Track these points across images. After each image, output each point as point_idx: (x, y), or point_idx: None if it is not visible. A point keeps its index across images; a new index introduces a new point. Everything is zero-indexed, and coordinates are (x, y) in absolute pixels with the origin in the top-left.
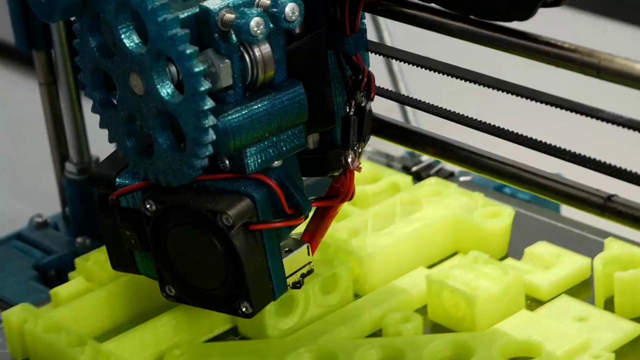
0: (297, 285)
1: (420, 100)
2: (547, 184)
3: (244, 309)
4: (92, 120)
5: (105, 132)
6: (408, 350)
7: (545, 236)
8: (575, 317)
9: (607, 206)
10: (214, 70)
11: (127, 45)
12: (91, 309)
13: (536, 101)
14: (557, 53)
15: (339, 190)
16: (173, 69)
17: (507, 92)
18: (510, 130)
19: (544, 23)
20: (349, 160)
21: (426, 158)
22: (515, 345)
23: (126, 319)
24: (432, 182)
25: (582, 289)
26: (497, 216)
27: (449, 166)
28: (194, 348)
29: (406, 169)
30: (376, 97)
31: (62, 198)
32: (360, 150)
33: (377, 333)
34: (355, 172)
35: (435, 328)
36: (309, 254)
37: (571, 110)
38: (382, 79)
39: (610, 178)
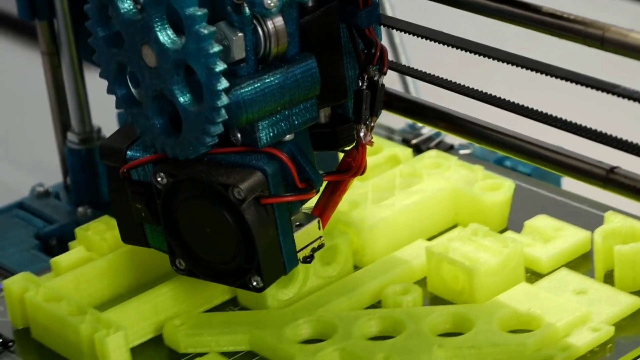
0: (308, 259)
1: (421, 71)
2: (549, 156)
3: (254, 283)
4: (94, 90)
5: (106, 102)
6: (407, 321)
7: (545, 209)
8: (574, 290)
9: (609, 178)
10: (227, 43)
11: (123, 12)
12: (91, 278)
13: (539, 72)
14: (561, 24)
15: (351, 165)
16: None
17: (509, 64)
18: (513, 101)
19: None
20: (361, 134)
21: (427, 130)
22: (515, 318)
23: (126, 289)
24: (432, 155)
25: (582, 262)
26: (497, 189)
27: (449, 139)
28: (193, 318)
29: (406, 142)
30: None
31: (63, 168)
32: (372, 124)
33: (376, 304)
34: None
35: (435, 300)
36: (319, 229)
37: (574, 82)
38: None
39: (613, 150)
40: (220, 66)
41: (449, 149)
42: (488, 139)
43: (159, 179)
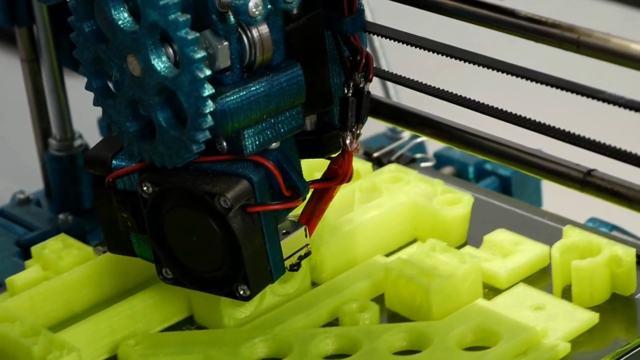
0: (295, 267)
1: (401, 76)
2: (527, 159)
3: (241, 292)
4: (74, 96)
5: (87, 108)
6: (364, 339)
7: (505, 223)
8: (532, 306)
9: (586, 181)
10: (212, 52)
11: (121, 25)
12: (47, 298)
13: (516, 76)
14: (536, 28)
15: (337, 172)
16: (169, 49)
17: (488, 68)
18: (491, 105)
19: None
20: (347, 141)
21: (389, 142)
22: (472, 334)
23: (82, 309)
24: (391, 169)
25: (540, 277)
26: (456, 203)
27: (412, 151)
28: (149, 338)
29: (367, 155)
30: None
31: (44, 174)
32: (358, 131)
33: (334, 322)
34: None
35: (392, 317)
36: (306, 236)
37: (552, 86)
38: None
39: (591, 153)
40: (206, 72)
41: (411, 162)
42: (467, 142)
43: (144, 188)
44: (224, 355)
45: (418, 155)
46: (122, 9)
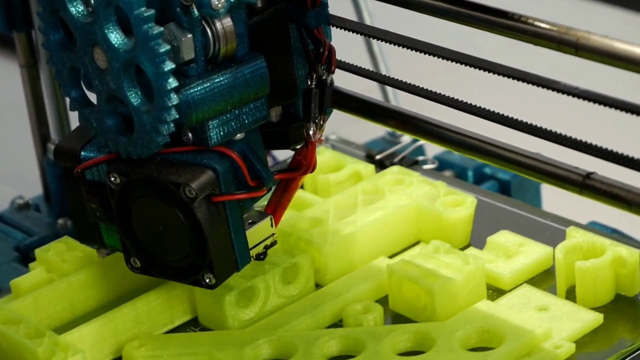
0: (261, 256)
1: (400, 80)
2: (526, 162)
3: (207, 280)
4: None
5: None
6: (368, 341)
7: (508, 224)
8: (536, 307)
9: (585, 184)
10: (176, 44)
11: (74, 15)
12: (51, 300)
13: (515, 80)
14: (535, 31)
15: (301, 163)
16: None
17: (488, 71)
18: (490, 109)
19: (524, 3)
20: (311, 132)
21: (390, 145)
22: (476, 336)
23: (86, 311)
24: (394, 171)
25: (544, 278)
26: (459, 205)
27: (413, 154)
28: (153, 339)
29: (370, 158)
30: (356, 77)
31: (43, 179)
32: (322, 122)
33: (338, 324)
34: (317, 145)
35: (397, 318)
36: (272, 226)
37: (551, 89)
38: (362, 59)
39: (590, 156)
40: (169, 66)
41: (414, 164)
42: (466, 146)
43: (112, 179)
44: (228, 357)
45: (420, 158)
46: (77, 2)
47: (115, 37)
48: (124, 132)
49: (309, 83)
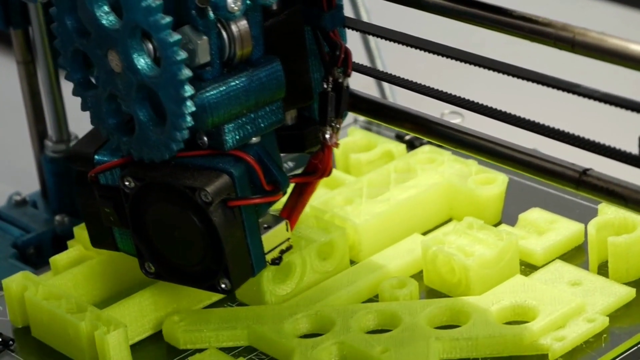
0: (277, 261)
1: (397, 76)
2: (523, 159)
3: (223, 286)
4: (70, 98)
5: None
6: (404, 314)
7: (539, 202)
8: (569, 282)
9: (582, 180)
10: (192, 47)
11: (104, 22)
12: (89, 277)
13: (512, 76)
14: (531, 27)
15: (317, 166)
16: (149, 45)
17: (484, 68)
18: (487, 105)
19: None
20: (327, 136)
21: None
22: (510, 310)
23: (124, 287)
24: (425, 150)
25: (576, 254)
26: (490, 183)
27: None
28: (192, 314)
29: (399, 138)
30: (353, 73)
31: (40, 176)
32: (338, 126)
33: (373, 299)
34: (334, 147)
35: (431, 293)
36: (287, 230)
37: (547, 85)
38: (359, 55)
39: (586, 152)
40: (186, 74)
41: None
42: (463, 142)
43: (126, 183)
44: (267, 331)
45: None
46: (104, 6)
47: (143, 62)
48: (124, 132)
49: (325, 86)
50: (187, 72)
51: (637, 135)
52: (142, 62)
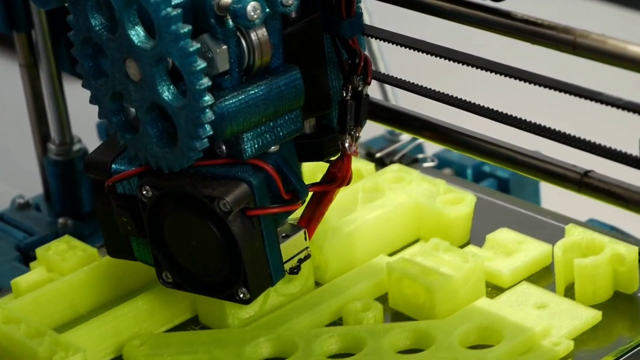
0: (295, 270)
1: (399, 79)
2: (525, 161)
3: (241, 295)
4: (73, 101)
5: (86, 113)
6: (368, 338)
7: (508, 222)
8: (535, 304)
9: (583, 182)
10: (211, 55)
11: (133, 38)
12: (51, 299)
13: (514, 78)
14: (533, 30)
15: (336, 175)
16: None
17: (485, 70)
18: (489, 107)
19: (521, 2)
20: (346, 144)
21: (390, 143)
22: (475, 333)
23: (87, 310)
24: (394, 169)
25: (543, 276)
26: (458, 203)
27: (413, 152)
28: (153, 338)
29: (369, 156)
30: None
31: (43, 179)
32: (357, 134)
33: (337, 322)
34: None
35: (396, 316)
36: (305, 239)
37: (549, 88)
38: None
39: (588, 154)
40: (205, 83)
41: (413, 162)
42: (465, 145)
43: (144, 192)
44: (228, 355)
45: (420, 156)
46: (135, 20)
47: (136, 36)
48: (165, 143)
49: (344, 94)
50: (206, 81)
51: (638, 137)
52: (167, 92)
